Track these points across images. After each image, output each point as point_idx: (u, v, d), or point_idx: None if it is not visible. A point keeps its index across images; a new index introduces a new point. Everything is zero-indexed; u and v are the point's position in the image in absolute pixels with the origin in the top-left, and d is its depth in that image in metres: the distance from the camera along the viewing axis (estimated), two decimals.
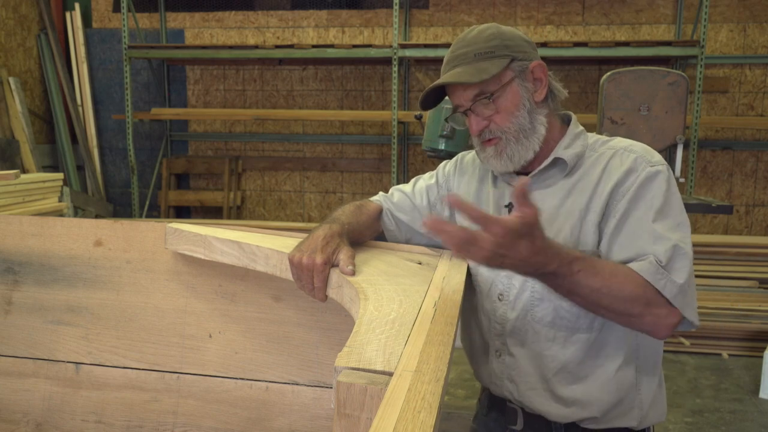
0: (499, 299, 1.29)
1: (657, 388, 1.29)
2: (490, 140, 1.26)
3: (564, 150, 1.26)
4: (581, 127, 1.33)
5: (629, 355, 1.24)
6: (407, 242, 1.47)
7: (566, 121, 1.34)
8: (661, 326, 1.11)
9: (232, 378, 1.48)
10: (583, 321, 1.23)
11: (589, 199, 1.22)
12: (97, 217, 5.79)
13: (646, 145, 1.26)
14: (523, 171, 1.30)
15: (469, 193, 1.40)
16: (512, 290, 1.28)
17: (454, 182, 1.45)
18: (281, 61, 6.01)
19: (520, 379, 1.30)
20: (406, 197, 1.47)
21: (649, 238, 1.14)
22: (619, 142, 1.27)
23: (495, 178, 1.36)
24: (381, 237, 1.48)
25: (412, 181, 1.52)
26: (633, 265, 1.12)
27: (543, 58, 1.30)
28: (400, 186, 1.52)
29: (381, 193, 1.52)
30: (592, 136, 1.32)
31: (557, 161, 1.26)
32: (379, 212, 1.46)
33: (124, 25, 5.74)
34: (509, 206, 1.30)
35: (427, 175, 1.51)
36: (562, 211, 1.24)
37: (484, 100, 1.23)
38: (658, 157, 1.23)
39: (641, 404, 1.26)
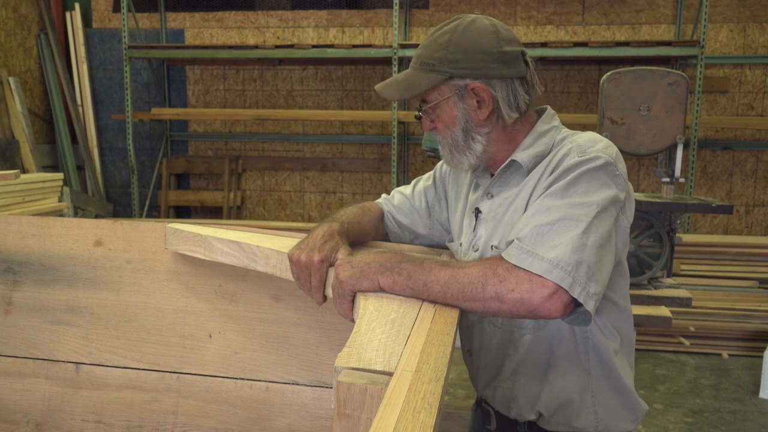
0: None
1: (617, 395, 1.25)
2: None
3: (522, 152, 1.22)
4: (554, 123, 1.26)
5: (578, 357, 1.23)
6: (411, 243, 1.48)
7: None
8: (533, 302, 0.97)
9: (232, 378, 1.48)
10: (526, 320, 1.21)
11: (531, 194, 1.19)
12: (97, 217, 5.79)
13: (603, 138, 1.17)
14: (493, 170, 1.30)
15: (459, 195, 1.41)
16: None
17: (449, 183, 1.46)
18: (281, 61, 6.01)
19: (480, 376, 1.33)
20: (406, 200, 1.48)
21: (523, 222, 1.08)
22: (577, 135, 1.20)
23: (474, 181, 1.36)
24: (387, 238, 1.50)
25: (413, 182, 1.53)
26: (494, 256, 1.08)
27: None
28: (402, 188, 1.53)
29: (384, 195, 1.53)
30: (564, 132, 1.24)
31: (513, 163, 1.23)
32: (382, 214, 1.47)
33: (124, 25, 5.74)
34: (476, 211, 1.31)
35: (426, 175, 1.52)
36: (512, 207, 1.22)
37: (426, 108, 1.24)
38: (599, 147, 1.13)
39: (596, 410, 1.24)
